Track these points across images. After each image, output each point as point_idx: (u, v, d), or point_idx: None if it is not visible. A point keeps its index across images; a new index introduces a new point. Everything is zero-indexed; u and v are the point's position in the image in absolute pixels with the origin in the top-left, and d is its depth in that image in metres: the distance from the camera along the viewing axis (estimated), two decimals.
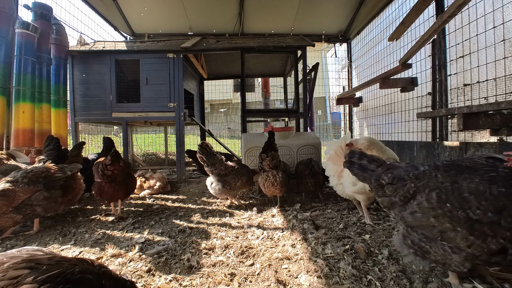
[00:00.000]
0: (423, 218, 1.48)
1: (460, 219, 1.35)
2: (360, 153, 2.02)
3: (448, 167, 1.51)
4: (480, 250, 1.32)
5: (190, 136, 9.73)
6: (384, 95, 5.66)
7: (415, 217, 1.51)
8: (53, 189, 2.68)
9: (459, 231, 1.35)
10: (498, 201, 1.28)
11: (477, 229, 1.30)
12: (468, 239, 1.33)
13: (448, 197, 1.40)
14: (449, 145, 3.43)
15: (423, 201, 1.49)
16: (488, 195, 1.30)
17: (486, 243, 1.29)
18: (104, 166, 3.00)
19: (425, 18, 4.22)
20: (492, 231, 1.27)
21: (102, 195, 3.07)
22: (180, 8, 6.18)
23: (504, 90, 3.07)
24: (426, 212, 1.47)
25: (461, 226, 1.35)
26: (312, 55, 7.91)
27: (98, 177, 3.08)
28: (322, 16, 6.64)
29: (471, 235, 1.32)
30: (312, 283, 1.64)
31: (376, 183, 1.76)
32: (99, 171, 3.03)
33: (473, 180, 1.37)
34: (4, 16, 3.55)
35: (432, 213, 1.44)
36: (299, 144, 4.12)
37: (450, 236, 1.40)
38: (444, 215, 1.40)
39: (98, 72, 4.83)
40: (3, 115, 3.58)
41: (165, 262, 1.96)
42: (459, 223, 1.35)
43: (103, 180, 3.03)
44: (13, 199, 2.43)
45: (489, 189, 1.31)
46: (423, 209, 1.48)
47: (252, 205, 3.47)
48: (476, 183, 1.36)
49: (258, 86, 9.24)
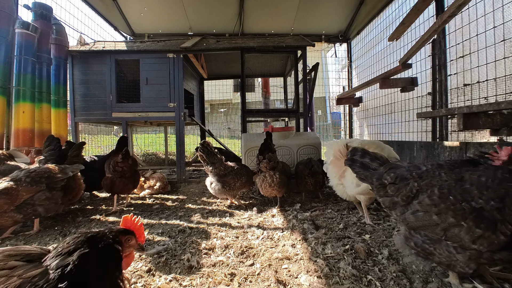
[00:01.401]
0: (426, 216, 1.47)
1: (464, 211, 1.33)
2: (363, 151, 1.99)
3: (452, 165, 1.51)
4: (486, 244, 1.30)
5: (190, 136, 9.73)
6: (384, 95, 5.66)
7: (417, 217, 1.50)
8: (55, 190, 2.70)
9: (463, 225, 1.34)
10: (500, 189, 1.27)
11: (483, 219, 1.28)
12: (474, 232, 1.31)
13: (450, 191, 1.39)
14: (449, 145, 3.43)
15: (424, 198, 1.48)
16: (491, 183, 1.30)
17: (495, 234, 1.27)
18: (115, 163, 3.33)
19: (425, 18, 4.22)
20: (500, 217, 1.25)
21: (112, 189, 3.37)
22: (180, 8, 6.18)
23: (504, 90, 3.07)
24: (429, 210, 1.45)
25: (465, 219, 1.33)
26: (312, 55, 7.91)
27: (109, 172, 3.38)
28: (322, 16, 6.64)
29: (476, 227, 1.30)
30: (312, 283, 1.64)
31: (378, 182, 1.75)
32: (111, 167, 3.33)
33: (474, 172, 1.38)
34: (4, 16, 3.55)
35: (435, 210, 1.43)
36: (299, 144, 4.12)
37: (454, 232, 1.38)
38: (448, 209, 1.38)
39: (98, 72, 4.83)
40: (3, 115, 3.58)
41: (165, 262, 1.96)
42: (463, 216, 1.33)
43: (114, 176, 3.33)
44: (15, 198, 2.44)
45: (491, 178, 1.30)
46: (425, 206, 1.47)
47: (252, 205, 3.47)
48: (478, 175, 1.36)
49: (258, 86, 9.24)
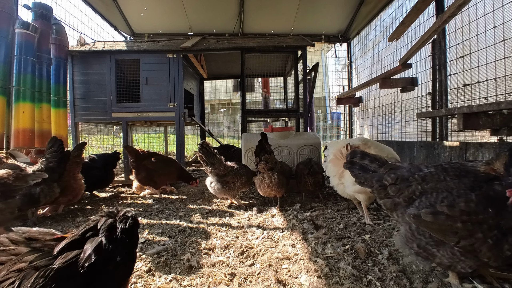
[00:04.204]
0: (448, 221, 1.40)
1: (498, 230, 1.30)
2: (362, 153, 1.97)
3: (457, 170, 1.50)
4: (500, 261, 1.30)
5: (190, 136, 9.74)
6: (384, 95, 5.66)
7: (438, 218, 1.43)
8: (11, 199, 2.35)
9: (489, 242, 1.31)
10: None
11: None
12: (502, 252, 1.29)
13: (487, 203, 1.36)
14: (449, 145, 3.43)
15: (460, 203, 1.40)
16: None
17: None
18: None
19: (425, 18, 4.22)
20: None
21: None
22: (180, 8, 6.18)
23: (504, 90, 3.07)
24: (457, 215, 1.40)
25: (492, 237, 1.30)
26: (312, 55, 7.91)
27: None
28: (322, 16, 6.64)
29: (507, 248, 1.28)
30: (312, 283, 1.64)
31: (378, 184, 1.73)
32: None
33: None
34: (4, 16, 3.55)
35: (465, 218, 1.38)
36: (299, 144, 4.12)
37: (472, 243, 1.35)
38: (481, 223, 1.34)
39: (98, 72, 4.83)
40: (3, 115, 3.58)
41: (165, 262, 1.96)
42: (493, 233, 1.31)
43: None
44: None
45: None
46: (453, 211, 1.41)
47: (252, 205, 3.47)
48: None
49: (258, 86, 9.25)
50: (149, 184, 4.14)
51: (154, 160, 4.12)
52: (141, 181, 4.11)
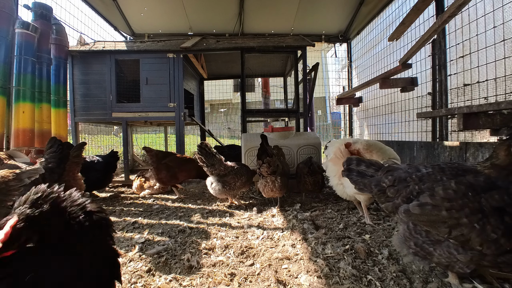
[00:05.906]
0: (434, 211, 1.42)
1: (483, 213, 1.30)
2: (357, 159, 1.98)
3: (454, 170, 1.50)
4: (494, 248, 1.29)
5: (190, 136, 9.73)
6: (384, 95, 5.66)
7: (424, 210, 1.45)
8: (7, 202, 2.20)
9: (475, 227, 1.31)
10: None
11: (502, 224, 1.27)
12: (489, 236, 1.29)
13: (469, 188, 1.38)
14: (449, 145, 3.43)
15: (439, 190, 1.44)
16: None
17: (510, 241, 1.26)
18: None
19: (425, 18, 4.22)
20: None
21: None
22: (180, 8, 6.17)
23: (504, 90, 3.07)
24: (440, 204, 1.42)
25: (478, 221, 1.31)
26: (312, 55, 7.90)
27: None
28: (322, 16, 6.64)
29: (493, 231, 1.28)
30: (312, 283, 1.64)
31: (377, 188, 1.73)
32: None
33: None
34: (4, 16, 3.55)
35: (447, 205, 1.40)
36: (299, 144, 4.12)
37: (462, 232, 1.35)
38: (463, 207, 1.35)
39: (98, 72, 4.83)
40: (3, 115, 3.58)
41: (165, 262, 1.96)
42: (479, 217, 1.31)
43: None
44: None
45: None
46: (436, 200, 1.44)
47: (252, 205, 3.47)
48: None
49: (258, 86, 9.24)
50: (171, 182, 4.08)
51: (174, 158, 4.12)
52: (163, 179, 4.02)
